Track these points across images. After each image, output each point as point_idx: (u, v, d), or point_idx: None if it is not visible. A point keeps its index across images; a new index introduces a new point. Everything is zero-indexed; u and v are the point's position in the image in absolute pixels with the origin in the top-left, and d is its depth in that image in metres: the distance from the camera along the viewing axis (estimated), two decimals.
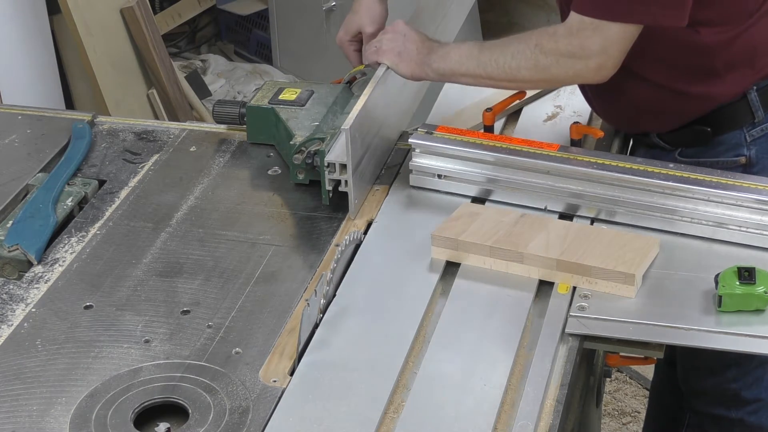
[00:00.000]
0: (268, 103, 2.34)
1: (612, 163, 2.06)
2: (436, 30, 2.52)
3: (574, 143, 2.24)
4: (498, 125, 2.38)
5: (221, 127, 2.43)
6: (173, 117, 3.93)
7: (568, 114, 2.41)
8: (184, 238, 2.08)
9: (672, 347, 2.42)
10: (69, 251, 2.04)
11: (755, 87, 2.14)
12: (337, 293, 1.90)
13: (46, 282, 1.97)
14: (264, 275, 1.97)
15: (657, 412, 2.72)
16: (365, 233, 2.05)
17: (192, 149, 2.35)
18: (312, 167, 2.14)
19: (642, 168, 2.04)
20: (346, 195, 2.10)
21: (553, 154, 2.10)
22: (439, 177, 2.16)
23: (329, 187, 2.12)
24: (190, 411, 1.68)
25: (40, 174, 2.25)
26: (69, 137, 2.35)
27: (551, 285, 1.90)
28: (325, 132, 2.19)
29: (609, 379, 3.32)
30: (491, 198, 2.13)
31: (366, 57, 2.27)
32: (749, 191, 1.97)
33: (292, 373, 1.74)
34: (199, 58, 4.93)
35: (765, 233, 1.96)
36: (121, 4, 3.85)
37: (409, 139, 2.18)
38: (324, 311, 1.85)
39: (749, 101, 2.14)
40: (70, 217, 2.15)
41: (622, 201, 2.03)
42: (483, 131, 2.30)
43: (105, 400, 1.70)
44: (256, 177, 2.27)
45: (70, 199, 2.17)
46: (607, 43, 2.00)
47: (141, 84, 3.95)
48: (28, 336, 1.84)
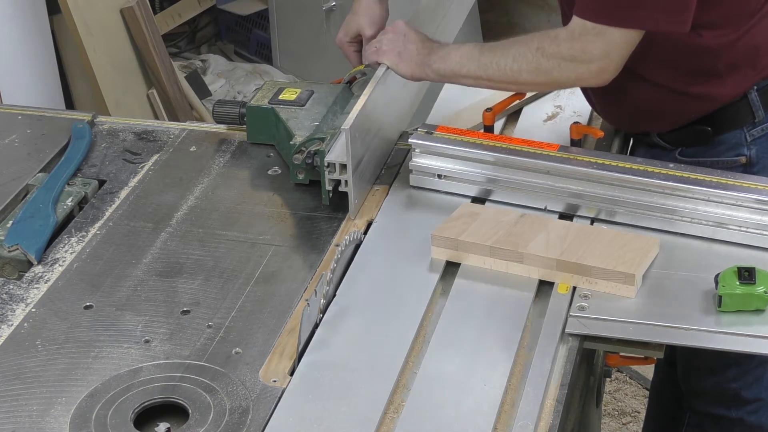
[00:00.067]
0: (268, 103, 2.34)
1: (612, 163, 2.06)
2: (436, 30, 2.52)
3: (574, 143, 2.24)
4: (498, 125, 2.38)
5: (221, 127, 2.43)
6: (173, 117, 3.93)
7: (568, 114, 2.41)
8: (184, 238, 2.08)
9: (672, 347, 2.42)
10: (69, 251, 2.04)
11: (756, 87, 2.14)
12: (337, 293, 1.90)
13: (46, 282, 1.97)
14: (264, 275, 1.97)
15: (657, 411, 2.72)
16: (365, 233, 2.05)
17: (192, 149, 2.35)
18: (312, 167, 2.14)
19: (642, 168, 2.04)
20: (346, 195, 2.10)
21: (553, 154, 2.10)
22: (439, 177, 2.16)
23: (329, 187, 2.12)
24: (190, 411, 1.68)
25: (40, 174, 2.25)
26: (69, 137, 2.35)
27: (551, 285, 1.90)
28: (325, 132, 2.19)
29: (609, 379, 3.32)
30: (491, 198, 2.13)
31: (366, 57, 2.27)
32: (749, 191, 1.97)
33: (292, 373, 1.74)
34: (199, 58, 4.93)
35: (765, 233, 1.96)
36: (121, 4, 3.85)
37: (409, 139, 2.18)
38: (324, 311, 1.85)
39: (750, 101, 2.14)
40: (70, 217, 2.15)
41: (622, 201, 2.03)
42: (483, 131, 2.30)
43: (105, 400, 1.70)
44: (256, 177, 2.27)
45: (70, 199, 2.17)
46: (609, 48, 2.00)
47: (141, 84, 3.96)
48: (28, 336, 1.84)
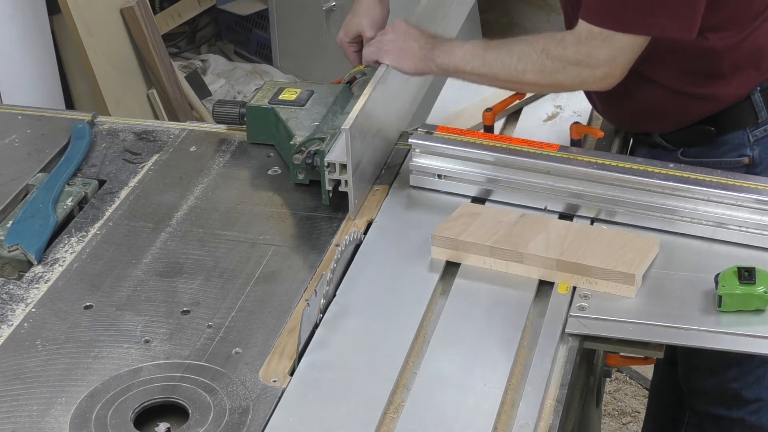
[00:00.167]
0: (268, 103, 2.34)
1: (612, 163, 2.06)
2: (436, 30, 2.52)
3: (574, 143, 2.24)
4: (498, 125, 2.38)
5: (221, 127, 2.43)
6: (173, 117, 3.93)
7: (568, 114, 2.41)
8: (184, 238, 2.08)
9: (672, 347, 2.42)
10: (69, 251, 2.04)
11: (759, 88, 2.14)
12: (337, 293, 1.90)
13: (46, 282, 1.97)
14: (264, 275, 1.97)
15: (657, 411, 2.72)
16: (365, 233, 2.05)
17: (192, 149, 2.35)
18: (312, 167, 2.14)
19: (642, 168, 2.04)
20: (346, 195, 2.10)
21: (553, 154, 2.10)
22: (439, 177, 2.16)
23: (329, 187, 2.12)
24: (190, 411, 1.68)
25: (40, 174, 2.25)
26: (69, 137, 2.35)
27: (551, 285, 1.90)
28: (325, 132, 2.19)
29: (609, 379, 3.32)
30: (491, 198, 2.13)
31: (366, 57, 2.27)
32: (749, 191, 1.97)
33: (292, 373, 1.74)
34: (199, 58, 4.93)
35: (765, 233, 1.96)
36: (121, 4, 3.85)
37: (409, 139, 2.18)
38: (324, 311, 1.85)
39: (753, 102, 2.14)
40: (70, 217, 2.15)
41: (622, 201, 2.03)
42: (483, 131, 2.30)
43: (105, 400, 1.70)
44: (256, 177, 2.27)
45: (70, 199, 2.17)
46: (615, 53, 1.99)
47: (141, 84, 3.96)
48: (28, 336, 1.84)
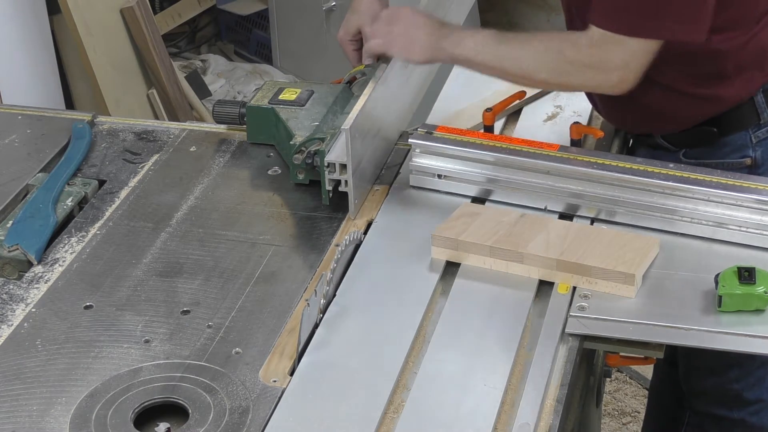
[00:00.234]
0: (268, 103, 2.34)
1: (612, 163, 2.06)
2: None
3: (574, 143, 2.24)
4: (498, 125, 2.38)
5: (221, 127, 2.43)
6: (173, 117, 3.93)
7: (568, 114, 2.41)
8: (184, 238, 2.08)
9: (673, 347, 2.42)
10: (69, 251, 2.04)
11: (762, 88, 2.13)
12: (337, 293, 1.90)
13: (46, 282, 1.97)
14: (264, 275, 1.97)
15: (657, 411, 2.72)
16: (365, 233, 2.05)
17: (192, 149, 2.35)
18: (312, 167, 2.14)
19: (642, 168, 2.04)
20: (346, 195, 2.10)
21: (553, 154, 2.10)
22: (439, 177, 2.16)
23: (329, 187, 2.12)
24: (190, 411, 1.68)
25: (40, 174, 2.25)
26: (69, 137, 2.35)
27: (551, 285, 1.90)
28: (325, 132, 2.19)
29: (609, 379, 3.32)
30: (491, 198, 2.13)
31: (372, 49, 2.22)
32: (749, 191, 1.97)
33: (292, 373, 1.74)
34: (199, 58, 4.93)
35: (765, 233, 1.96)
36: (121, 4, 3.86)
37: (409, 139, 2.18)
38: (324, 311, 1.85)
39: (755, 103, 2.13)
40: (70, 217, 2.15)
41: (622, 201, 2.03)
42: (483, 131, 2.30)
43: (105, 400, 1.70)
44: (256, 177, 2.27)
45: (70, 199, 2.17)
46: (629, 58, 1.98)
47: (141, 84, 3.96)
48: (28, 336, 1.84)
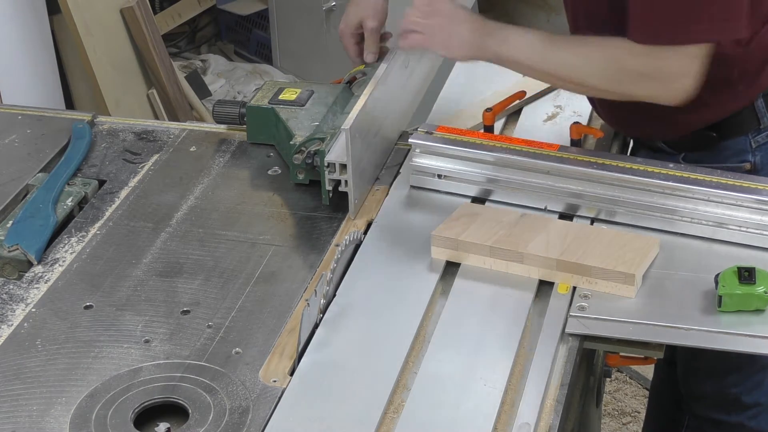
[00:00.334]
0: (268, 103, 2.34)
1: (612, 163, 2.06)
2: None
3: (574, 143, 2.24)
4: (498, 125, 2.38)
5: (221, 127, 2.43)
6: (173, 117, 3.93)
7: (568, 114, 2.41)
8: (184, 238, 2.08)
9: (672, 348, 2.41)
10: (69, 251, 2.04)
11: (762, 94, 2.12)
12: (337, 293, 1.90)
13: (46, 282, 1.97)
14: (264, 275, 1.97)
15: (657, 412, 2.72)
16: (365, 233, 2.05)
17: (192, 149, 2.35)
18: (312, 167, 2.14)
19: (642, 168, 2.04)
20: (346, 195, 2.10)
21: (553, 154, 2.09)
22: (439, 177, 2.16)
23: (329, 187, 2.12)
24: (190, 411, 1.68)
25: (40, 174, 2.25)
26: (69, 137, 2.35)
27: (551, 285, 1.90)
28: (325, 132, 2.19)
29: (609, 379, 3.32)
30: (491, 198, 2.13)
31: (409, 43, 2.10)
32: (749, 191, 1.97)
33: (292, 373, 1.74)
34: (199, 58, 4.93)
35: (765, 233, 1.96)
36: (121, 4, 3.86)
37: (409, 139, 2.18)
38: (324, 311, 1.85)
39: (755, 107, 2.12)
40: (70, 217, 2.15)
41: (622, 201, 2.03)
42: (483, 131, 2.30)
43: (105, 400, 1.70)
44: (256, 177, 2.27)
45: (70, 199, 2.17)
46: (687, 66, 1.92)
47: (141, 84, 3.96)
48: (28, 336, 1.84)
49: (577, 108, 2.42)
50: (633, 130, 2.31)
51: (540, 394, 1.69)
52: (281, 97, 2.34)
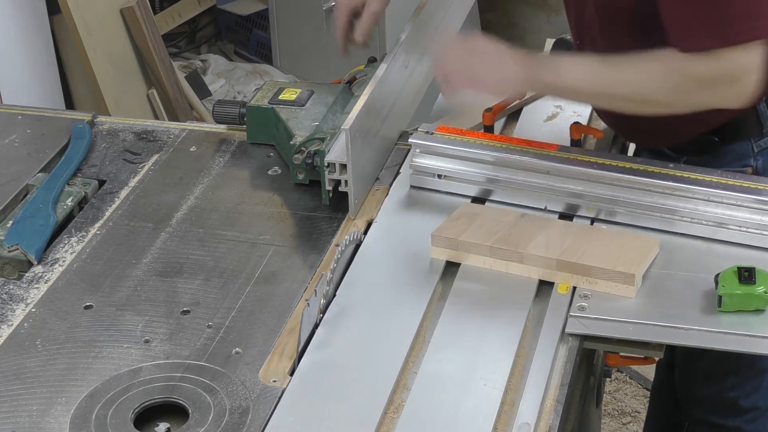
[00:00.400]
0: (268, 103, 2.34)
1: (612, 163, 2.06)
2: (436, 30, 2.52)
3: (574, 143, 2.24)
4: (498, 125, 2.38)
5: (221, 127, 2.43)
6: (173, 117, 3.93)
7: (568, 114, 2.40)
8: (184, 238, 2.08)
9: (672, 351, 2.42)
10: (69, 251, 2.04)
11: (765, 98, 2.10)
12: (337, 293, 1.90)
13: (46, 282, 1.97)
14: (264, 275, 1.97)
15: (657, 412, 2.72)
16: (365, 233, 2.05)
17: (192, 149, 2.35)
18: (312, 167, 2.14)
19: (642, 168, 2.04)
20: (346, 195, 2.10)
21: (553, 154, 2.09)
22: (439, 177, 2.16)
23: (329, 187, 2.12)
24: (190, 411, 1.68)
25: (40, 174, 2.25)
26: (69, 137, 2.35)
27: (551, 285, 1.90)
28: (325, 132, 2.19)
29: (609, 379, 3.32)
30: (491, 198, 2.13)
31: (456, 86, 1.99)
32: (749, 191, 1.97)
33: (292, 373, 1.74)
34: (199, 58, 4.93)
35: (765, 233, 1.96)
36: (121, 4, 3.86)
37: (409, 139, 2.18)
38: (324, 311, 1.85)
39: (758, 112, 2.10)
40: (70, 217, 2.15)
41: (622, 201, 2.03)
42: (483, 131, 2.30)
43: (105, 400, 1.70)
44: (256, 177, 2.27)
45: (70, 199, 2.17)
46: (748, 66, 1.86)
47: (141, 84, 3.96)
48: (28, 336, 1.84)
49: (577, 108, 2.41)
50: (636, 136, 2.30)
51: (540, 394, 1.69)
52: (281, 97, 2.34)
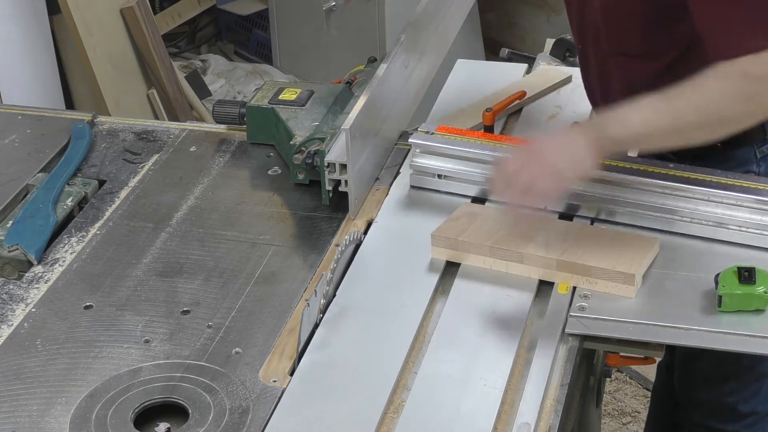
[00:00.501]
0: (268, 103, 2.34)
1: (612, 163, 2.05)
2: (436, 30, 2.52)
3: None
4: (498, 125, 2.38)
5: (221, 127, 2.43)
6: (173, 117, 3.94)
7: (568, 114, 2.41)
8: (184, 238, 2.08)
9: (671, 353, 2.42)
10: (69, 251, 2.04)
11: None
12: (337, 293, 1.90)
13: (46, 282, 1.97)
14: (264, 275, 1.97)
15: (658, 413, 2.72)
16: (365, 233, 2.05)
17: (192, 149, 2.36)
18: (312, 167, 2.14)
19: (642, 168, 2.04)
20: (346, 195, 2.10)
21: None
22: (439, 177, 2.16)
23: (329, 187, 2.12)
24: (190, 411, 1.68)
25: (40, 174, 2.25)
26: (69, 137, 2.35)
27: (551, 285, 1.90)
28: (325, 132, 2.19)
29: (609, 379, 3.32)
30: (491, 198, 2.13)
31: (538, 196, 1.90)
32: (749, 191, 1.97)
33: (292, 373, 1.74)
34: (199, 58, 4.93)
35: (765, 233, 1.96)
36: (121, 4, 3.86)
37: (409, 139, 2.18)
38: (324, 311, 1.85)
39: None
40: (70, 217, 2.15)
41: (622, 201, 2.03)
42: (483, 131, 2.30)
43: (105, 400, 1.70)
44: (256, 177, 2.27)
45: (70, 199, 2.17)
46: None
47: (141, 84, 3.96)
48: (28, 336, 1.84)
49: (577, 108, 2.42)
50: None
51: (540, 394, 1.69)
52: (281, 97, 2.35)
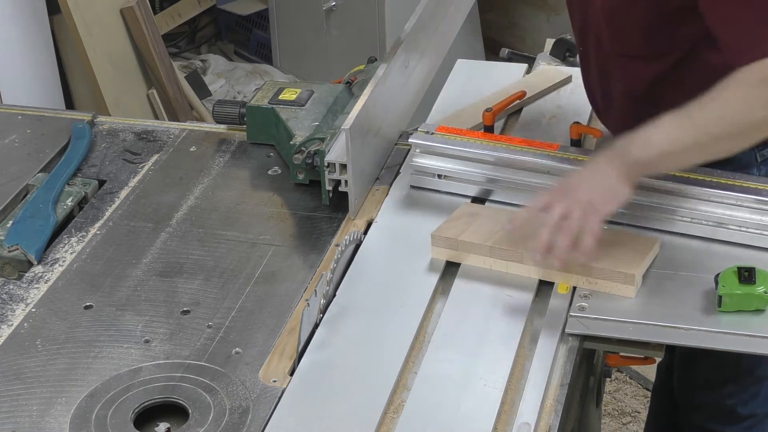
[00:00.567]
0: (268, 103, 2.34)
1: None
2: (436, 30, 2.52)
3: (574, 143, 2.24)
4: (498, 125, 2.38)
5: (221, 127, 2.43)
6: (173, 117, 3.94)
7: (568, 114, 2.41)
8: (184, 238, 2.08)
9: (671, 354, 2.42)
10: (69, 251, 2.04)
11: None
12: (337, 293, 1.90)
13: (46, 282, 1.97)
14: (264, 275, 1.97)
15: (658, 413, 2.72)
16: (365, 233, 2.05)
17: (192, 149, 2.36)
18: (312, 167, 2.14)
19: None
20: (346, 195, 2.10)
21: (553, 154, 2.09)
22: (439, 177, 2.16)
23: (329, 187, 2.12)
24: (190, 411, 1.68)
25: (40, 174, 2.25)
26: (69, 137, 2.35)
27: (551, 285, 1.90)
28: (325, 132, 2.19)
29: (609, 379, 3.32)
30: (491, 198, 2.13)
31: (586, 249, 1.83)
32: (749, 191, 1.97)
33: (292, 373, 1.74)
34: (199, 58, 4.93)
35: (765, 233, 1.96)
36: (121, 4, 3.86)
37: (409, 139, 2.18)
38: (324, 311, 1.85)
39: None
40: (70, 217, 2.15)
41: None
42: (483, 131, 2.30)
43: (105, 400, 1.70)
44: (256, 177, 2.27)
45: (70, 199, 2.17)
46: None
47: (141, 84, 3.96)
48: (28, 336, 1.84)
49: (577, 108, 2.42)
50: None
51: (540, 394, 1.69)
52: (281, 97, 2.35)
